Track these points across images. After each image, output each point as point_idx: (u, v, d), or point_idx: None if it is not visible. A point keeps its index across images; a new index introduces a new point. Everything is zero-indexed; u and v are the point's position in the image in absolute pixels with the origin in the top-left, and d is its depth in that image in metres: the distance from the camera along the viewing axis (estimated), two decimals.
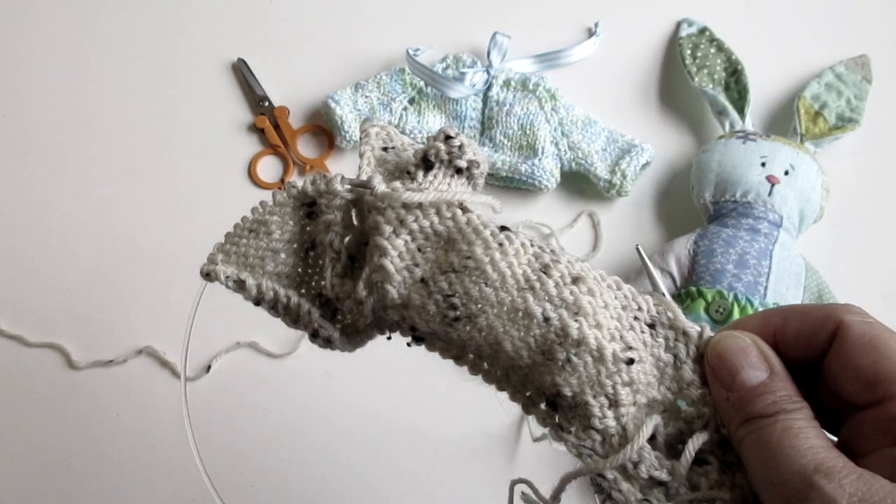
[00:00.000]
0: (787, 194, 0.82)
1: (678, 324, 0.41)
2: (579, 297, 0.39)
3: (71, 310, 0.85)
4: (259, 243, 0.43)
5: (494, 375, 0.42)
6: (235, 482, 0.78)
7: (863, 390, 0.36)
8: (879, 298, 0.87)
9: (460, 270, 0.40)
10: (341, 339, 0.44)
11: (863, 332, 0.37)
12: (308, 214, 0.43)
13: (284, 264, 0.44)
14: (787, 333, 0.39)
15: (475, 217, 0.41)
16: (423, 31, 0.98)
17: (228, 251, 0.43)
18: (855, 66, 0.94)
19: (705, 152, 0.87)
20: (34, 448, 0.80)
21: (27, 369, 0.82)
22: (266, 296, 0.43)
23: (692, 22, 0.97)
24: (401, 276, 0.41)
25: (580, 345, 0.38)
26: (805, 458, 0.34)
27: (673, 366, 0.40)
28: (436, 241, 0.42)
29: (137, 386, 0.81)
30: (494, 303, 0.39)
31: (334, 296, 0.42)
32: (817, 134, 0.89)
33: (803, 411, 0.37)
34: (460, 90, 0.90)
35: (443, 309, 0.40)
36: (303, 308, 0.43)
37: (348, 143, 0.90)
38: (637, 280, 0.82)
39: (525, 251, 0.40)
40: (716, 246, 0.80)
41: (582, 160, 0.89)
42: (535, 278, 0.39)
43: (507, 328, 0.39)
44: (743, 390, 0.38)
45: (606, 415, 0.39)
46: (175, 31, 0.98)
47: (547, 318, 0.39)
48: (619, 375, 0.39)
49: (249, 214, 0.43)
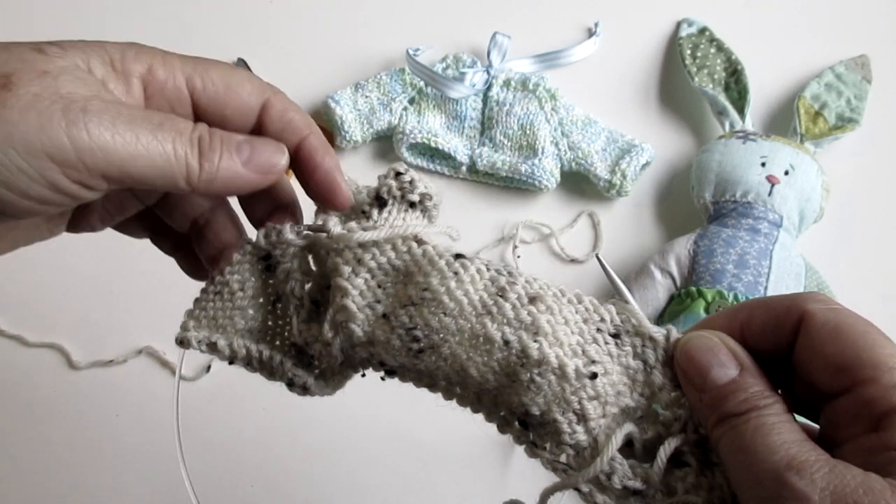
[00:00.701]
0: (787, 194, 0.82)
1: (643, 330, 0.41)
2: (537, 317, 0.39)
3: (71, 310, 0.85)
4: (225, 304, 0.44)
5: (467, 399, 0.43)
6: (235, 482, 0.79)
7: (832, 378, 0.36)
8: (879, 298, 0.87)
9: (419, 303, 0.40)
10: (318, 384, 0.45)
11: (826, 320, 0.37)
12: (267, 268, 0.44)
13: (254, 320, 0.44)
14: (754, 327, 0.39)
15: (430, 248, 0.42)
16: (423, 31, 0.98)
17: (198, 316, 0.44)
18: (855, 66, 0.94)
19: (705, 152, 0.87)
20: (34, 448, 0.80)
21: (27, 369, 0.82)
22: (239, 353, 0.44)
23: (692, 22, 0.97)
24: (363, 314, 0.42)
25: (541, 364, 0.38)
26: (777, 454, 0.34)
27: (643, 372, 0.41)
28: (395, 275, 0.43)
29: (137, 386, 0.81)
30: (455, 331, 0.40)
31: (302, 341, 0.43)
32: (817, 134, 0.89)
33: (775, 405, 0.36)
34: (460, 90, 0.90)
35: (406, 342, 0.41)
36: (275, 360, 0.44)
37: (348, 143, 0.90)
38: (637, 280, 0.82)
39: (481, 277, 0.40)
40: (716, 246, 0.80)
41: (582, 160, 0.89)
42: (491, 303, 0.40)
43: (471, 355, 0.40)
44: (714, 390, 0.38)
45: (576, 430, 0.39)
46: (175, 31, 0.98)
47: (507, 341, 0.39)
48: (584, 391, 0.39)
49: (216, 276, 0.44)
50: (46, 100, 0.35)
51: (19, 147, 0.34)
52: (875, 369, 0.35)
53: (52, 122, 0.35)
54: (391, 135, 0.91)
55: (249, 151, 0.41)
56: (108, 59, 0.39)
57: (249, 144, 0.41)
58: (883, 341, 0.36)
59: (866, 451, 0.34)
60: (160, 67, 0.41)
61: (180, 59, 0.42)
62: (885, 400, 0.34)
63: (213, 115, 0.42)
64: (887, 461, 0.33)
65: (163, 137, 0.38)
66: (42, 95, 0.35)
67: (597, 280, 0.87)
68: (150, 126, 0.37)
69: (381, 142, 0.93)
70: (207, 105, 0.42)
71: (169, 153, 0.38)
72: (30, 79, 0.35)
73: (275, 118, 0.43)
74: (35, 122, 0.34)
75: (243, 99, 0.43)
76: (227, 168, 0.40)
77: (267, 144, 0.42)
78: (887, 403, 0.34)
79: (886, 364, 0.35)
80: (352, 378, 0.47)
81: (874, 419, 0.34)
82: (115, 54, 0.39)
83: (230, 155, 0.40)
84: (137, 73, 0.40)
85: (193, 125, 0.40)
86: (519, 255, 0.88)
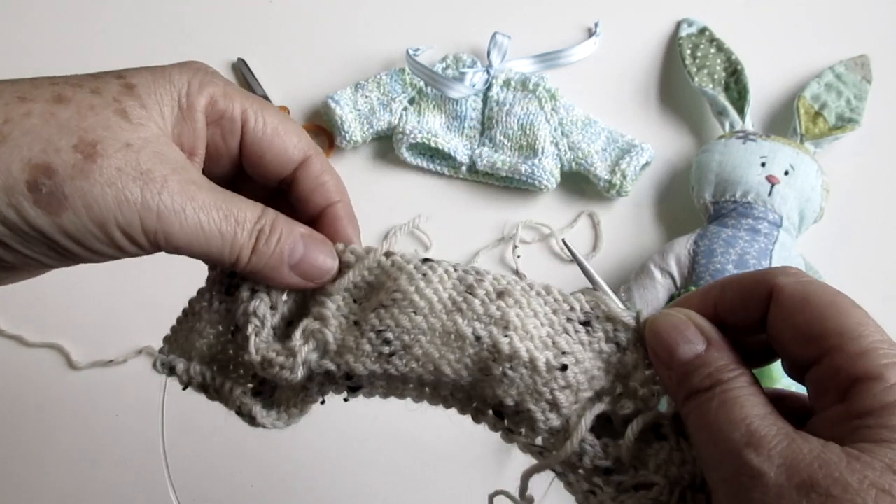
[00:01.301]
0: (787, 194, 0.82)
1: (613, 315, 0.41)
2: (506, 311, 0.40)
3: (71, 310, 0.85)
4: (188, 326, 0.45)
5: (439, 397, 0.44)
6: (235, 482, 0.79)
7: (802, 349, 0.36)
8: (879, 298, 0.87)
9: (389, 304, 0.41)
10: (267, 414, 0.45)
11: (796, 291, 0.37)
12: (227, 290, 0.44)
13: (212, 347, 0.45)
14: (726, 303, 0.40)
15: (398, 257, 0.43)
16: (423, 31, 0.98)
17: (171, 339, 0.45)
18: (855, 66, 0.94)
19: (705, 152, 0.87)
20: (34, 448, 0.80)
21: (27, 369, 0.82)
22: (195, 379, 0.45)
23: (692, 22, 0.97)
24: (337, 322, 0.43)
25: (513, 359, 0.39)
26: (738, 431, 0.34)
27: (617, 354, 0.41)
28: (367, 290, 0.43)
29: (137, 386, 0.81)
30: (426, 329, 0.41)
31: (260, 360, 0.42)
32: (817, 134, 0.89)
33: (741, 378, 0.37)
34: (460, 90, 0.90)
35: (377, 346, 0.41)
36: (225, 387, 0.44)
37: (348, 143, 0.90)
38: (638, 280, 0.82)
39: (449, 276, 0.41)
40: (716, 246, 0.80)
41: (582, 160, 0.89)
42: (461, 300, 0.41)
43: (443, 352, 0.40)
44: (681, 366, 0.38)
45: (549, 417, 0.40)
46: (175, 31, 0.98)
47: (478, 336, 0.40)
48: (555, 382, 0.40)
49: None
50: (128, 175, 0.37)
51: (96, 218, 0.37)
52: (841, 338, 0.35)
53: (129, 201, 0.37)
54: (391, 135, 0.91)
55: (302, 255, 0.42)
56: (176, 97, 0.41)
57: (305, 247, 0.43)
58: (850, 309, 0.36)
59: (834, 420, 0.34)
60: (221, 99, 0.43)
61: (240, 94, 0.44)
62: (850, 368, 0.34)
63: (254, 154, 0.45)
64: (851, 430, 0.33)
65: (226, 230, 0.40)
66: (124, 170, 0.37)
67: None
68: (218, 216, 0.40)
69: (381, 142, 0.93)
70: (252, 144, 0.44)
71: (227, 244, 0.40)
72: (115, 150, 0.37)
73: (311, 176, 0.45)
74: (113, 199, 0.37)
75: (287, 149, 0.45)
76: (272, 269, 0.42)
77: (321, 251, 0.43)
78: (852, 371, 0.34)
79: (853, 332, 0.35)
80: (308, 412, 0.47)
81: (841, 388, 0.34)
82: (182, 88, 0.41)
83: (281, 257, 0.42)
84: (202, 105, 0.42)
85: (261, 213, 0.41)
86: (519, 255, 0.88)
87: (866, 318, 0.35)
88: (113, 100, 0.39)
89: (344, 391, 0.45)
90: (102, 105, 0.38)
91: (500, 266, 0.88)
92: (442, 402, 0.44)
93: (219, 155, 0.45)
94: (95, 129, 0.37)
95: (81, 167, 0.36)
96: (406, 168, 0.92)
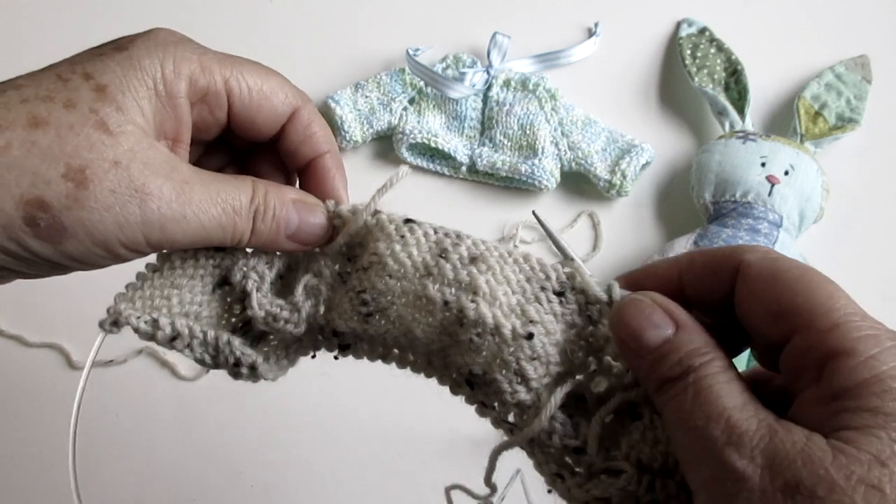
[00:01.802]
0: (787, 194, 0.82)
1: (586, 286, 0.41)
2: (476, 277, 0.40)
3: (71, 310, 0.84)
4: (164, 282, 0.43)
5: (421, 364, 0.44)
6: (235, 482, 0.78)
7: (771, 327, 0.34)
8: (879, 298, 0.87)
9: (367, 267, 0.42)
10: (266, 365, 0.45)
11: (763, 268, 0.35)
12: (217, 247, 0.44)
13: (191, 304, 0.43)
14: (693, 274, 0.38)
15: (384, 216, 0.43)
16: (423, 31, 0.98)
17: (132, 298, 0.42)
18: (855, 66, 0.94)
19: (705, 152, 0.87)
20: (34, 448, 0.80)
21: (27, 369, 0.82)
22: (182, 332, 0.42)
23: (692, 22, 0.97)
24: (332, 279, 0.44)
25: (478, 325, 0.39)
26: (717, 427, 0.32)
27: (590, 327, 0.41)
28: (359, 248, 0.44)
29: (137, 386, 0.81)
30: (399, 293, 0.41)
31: (263, 314, 0.43)
32: (817, 134, 0.89)
33: (714, 363, 0.34)
34: (460, 90, 0.90)
35: (356, 306, 0.42)
36: (221, 339, 0.43)
37: (348, 142, 0.90)
38: None
39: (427, 239, 0.41)
40: (716, 246, 0.80)
41: (582, 160, 0.89)
42: (433, 264, 0.40)
43: (415, 316, 0.41)
44: (650, 353, 0.36)
45: (517, 389, 0.40)
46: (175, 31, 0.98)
47: (446, 301, 0.40)
48: (521, 351, 0.39)
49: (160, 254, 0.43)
50: (123, 195, 0.37)
51: (99, 243, 0.38)
52: (811, 313, 0.33)
53: (130, 222, 0.37)
54: (391, 135, 0.91)
55: (297, 225, 0.43)
56: (151, 87, 0.40)
57: (298, 215, 0.43)
58: (819, 283, 0.34)
59: (811, 403, 0.32)
60: (200, 76, 0.42)
61: (218, 62, 0.43)
62: (821, 345, 0.32)
63: (244, 121, 0.44)
64: (830, 413, 0.31)
65: (226, 223, 0.41)
66: (118, 192, 0.37)
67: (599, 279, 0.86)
68: (216, 211, 0.40)
69: (381, 142, 0.93)
70: (241, 111, 0.44)
71: (227, 233, 0.41)
72: (104, 171, 0.37)
73: (298, 130, 0.46)
74: (113, 223, 0.37)
75: (275, 107, 0.45)
76: (270, 241, 0.43)
77: (313, 216, 0.44)
78: (825, 348, 0.32)
79: (823, 307, 0.33)
80: (296, 363, 0.47)
81: (816, 368, 0.32)
82: (157, 75, 0.40)
83: (278, 231, 0.43)
84: (182, 92, 0.41)
85: (252, 194, 0.42)
86: None
87: (837, 290, 0.34)
88: (89, 111, 0.38)
89: (335, 349, 0.46)
90: (80, 122, 0.37)
91: None
92: (423, 369, 0.44)
93: (207, 128, 0.44)
94: (80, 153, 0.37)
95: (75, 196, 0.36)
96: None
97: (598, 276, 0.44)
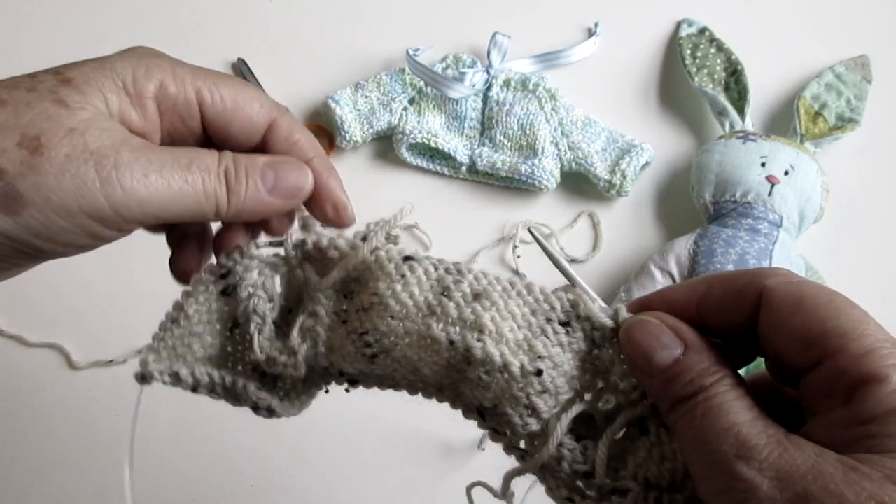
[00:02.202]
0: (787, 194, 0.82)
1: (592, 316, 0.40)
2: (480, 315, 0.39)
3: (71, 310, 0.85)
4: (183, 331, 0.43)
5: (431, 392, 0.43)
6: (235, 482, 0.79)
7: (800, 353, 0.35)
8: (879, 298, 0.87)
9: (368, 307, 0.41)
10: (282, 405, 0.45)
11: (788, 293, 0.35)
12: (223, 291, 0.44)
13: (212, 347, 0.44)
14: (712, 301, 0.38)
15: (382, 253, 0.42)
16: (423, 31, 0.98)
17: (157, 348, 0.44)
18: (855, 66, 0.94)
19: (705, 152, 0.87)
20: (34, 448, 0.80)
21: (27, 369, 0.82)
22: (202, 381, 0.43)
23: (692, 22, 0.97)
24: (329, 319, 0.43)
25: (486, 363, 0.39)
26: (726, 441, 0.32)
27: (595, 350, 0.40)
28: (356, 284, 0.43)
29: (137, 386, 0.81)
30: (402, 334, 0.40)
31: (264, 358, 0.43)
32: (817, 134, 0.89)
33: (724, 381, 0.35)
34: (460, 90, 0.90)
35: (360, 348, 0.41)
36: (238, 384, 0.43)
37: (348, 142, 0.90)
38: (638, 280, 0.82)
39: (428, 277, 0.40)
40: (716, 246, 0.80)
41: (582, 160, 0.89)
42: (436, 303, 0.40)
43: (421, 355, 0.40)
44: (661, 373, 0.37)
45: (528, 422, 0.40)
46: (175, 31, 0.98)
47: (452, 341, 0.39)
48: (531, 387, 0.39)
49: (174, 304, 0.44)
50: (78, 159, 0.36)
51: (59, 210, 0.36)
52: (842, 338, 0.33)
53: (87, 184, 0.36)
54: (391, 135, 0.91)
55: (274, 178, 0.42)
56: (121, 85, 0.40)
57: (273, 169, 0.42)
58: (848, 309, 0.34)
59: (836, 425, 0.32)
60: (171, 83, 0.41)
61: (191, 73, 0.42)
62: (855, 370, 0.32)
63: (218, 130, 0.43)
64: (853, 436, 0.31)
65: (193, 180, 0.39)
66: (73, 156, 0.36)
67: (598, 280, 0.87)
68: (180, 169, 0.39)
69: (381, 142, 0.93)
70: (214, 120, 0.43)
71: (199, 193, 0.40)
72: (59, 138, 0.36)
73: (280, 139, 0.45)
74: (70, 186, 0.36)
75: (251, 117, 0.44)
76: (253, 199, 0.41)
77: (290, 168, 0.43)
78: (858, 373, 0.32)
79: (854, 332, 0.33)
80: (315, 396, 0.47)
81: (847, 391, 0.32)
82: (126, 77, 0.40)
83: (256, 185, 0.41)
84: (150, 92, 0.41)
85: (219, 157, 0.41)
86: (519, 256, 0.88)
87: (865, 316, 0.34)
88: (49, 92, 0.38)
89: (344, 383, 0.45)
90: (38, 99, 0.37)
91: (500, 266, 0.88)
92: (435, 396, 0.44)
93: (182, 139, 0.43)
94: (36, 123, 0.36)
95: (29, 162, 0.35)
96: (406, 168, 0.92)
97: (599, 277, 0.44)
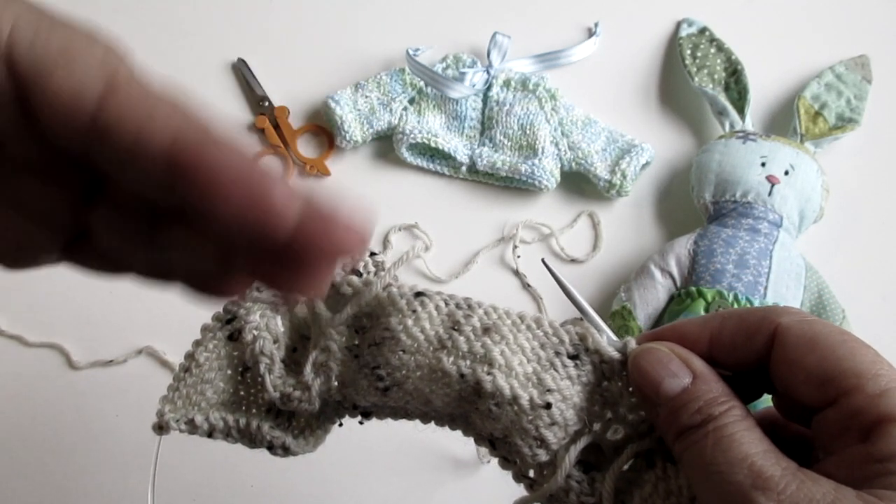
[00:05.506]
0: (787, 194, 0.82)
1: (601, 350, 0.41)
2: (490, 349, 0.40)
3: (71, 310, 0.85)
4: (195, 379, 0.45)
5: (444, 421, 0.44)
6: (235, 482, 0.79)
7: (815, 391, 0.35)
8: (879, 298, 0.87)
9: (380, 342, 0.41)
10: (297, 442, 0.46)
11: (802, 332, 0.36)
12: (230, 336, 0.44)
13: (224, 392, 0.45)
14: (724, 338, 0.38)
15: (394, 290, 0.42)
16: (423, 31, 0.98)
17: (173, 399, 0.45)
18: (855, 66, 0.94)
19: (705, 152, 0.87)
20: (34, 448, 0.80)
21: (27, 369, 0.82)
22: (217, 426, 0.44)
23: (692, 22, 0.97)
24: (342, 354, 0.43)
25: (495, 396, 0.39)
26: (741, 472, 0.32)
27: (605, 382, 0.41)
28: (367, 320, 0.44)
29: (137, 386, 0.81)
30: (413, 367, 0.41)
31: (278, 396, 0.43)
32: (817, 134, 0.89)
33: (733, 411, 0.35)
34: (460, 90, 0.90)
35: (372, 381, 0.42)
36: (252, 426, 0.44)
37: (348, 143, 0.90)
38: (638, 280, 0.82)
39: (439, 313, 0.41)
40: (716, 246, 0.80)
41: (582, 160, 0.89)
42: (446, 337, 0.40)
43: (432, 388, 0.41)
44: (668, 402, 0.37)
45: (537, 453, 0.40)
46: (175, 30, 0.98)
47: (462, 374, 0.40)
48: (540, 419, 0.39)
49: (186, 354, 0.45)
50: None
51: None
52: (858, 378, 0.33)
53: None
54: (391, 135, 0.91)
55: None
56: None
57: None
58: (862, 349, 0.35)
59: (852, 462, 0.33)
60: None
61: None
62: (872, 409, 0.33)
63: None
64: (871, 473, 0.32)
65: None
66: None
67: (597, 280, 0.87)
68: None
69: (381, 142, 0.93)
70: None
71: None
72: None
73: None
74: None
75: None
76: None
77: None
78: (875, 413, 0.33)
79: (869, 371, 0.33)
80: (330, 431, 0.48)
81: (863, 430, 0.33)
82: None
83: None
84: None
85: None
86: (519, 256, 0.88)
87: (878, 356, 0.34)
88: None
89: (357, 415, 0.46)
90: None
91: (500, 266, 0.88)
92: (447, 424, 0.45)
93: None
94: None
95: None
96: (406, 168, 0.92)
97: (599, 277, 0.44)
